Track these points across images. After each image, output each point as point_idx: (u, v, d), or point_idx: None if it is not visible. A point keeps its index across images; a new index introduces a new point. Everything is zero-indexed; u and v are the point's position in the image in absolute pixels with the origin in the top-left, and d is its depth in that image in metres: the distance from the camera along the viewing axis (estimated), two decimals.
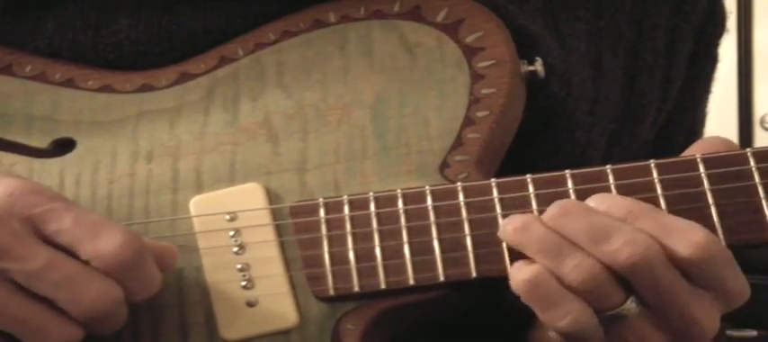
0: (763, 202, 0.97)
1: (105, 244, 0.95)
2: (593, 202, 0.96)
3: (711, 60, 1.27)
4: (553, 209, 0.95)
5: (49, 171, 1.09)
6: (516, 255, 0.97)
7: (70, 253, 0.95)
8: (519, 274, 0.95)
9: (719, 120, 2.60)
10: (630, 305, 0.94)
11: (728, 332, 1.11)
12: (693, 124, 1.27)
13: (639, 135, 1.20)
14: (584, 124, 1.14)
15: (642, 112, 1.20)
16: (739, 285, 0.96)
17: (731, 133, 2.69)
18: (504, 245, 0.98)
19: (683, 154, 1.02)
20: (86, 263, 0.95)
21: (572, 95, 1.13)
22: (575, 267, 0.93)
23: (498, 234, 0.98)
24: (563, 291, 0.94)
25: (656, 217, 0.95)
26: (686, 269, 0.94)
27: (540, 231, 0.95)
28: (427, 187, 1.02)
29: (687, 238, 0.93)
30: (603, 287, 0.94)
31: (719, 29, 1.27)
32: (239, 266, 1.03)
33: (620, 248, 0.92)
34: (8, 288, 0.94)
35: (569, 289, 0.94)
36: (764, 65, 2.74)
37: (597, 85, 1.16)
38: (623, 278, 0.94)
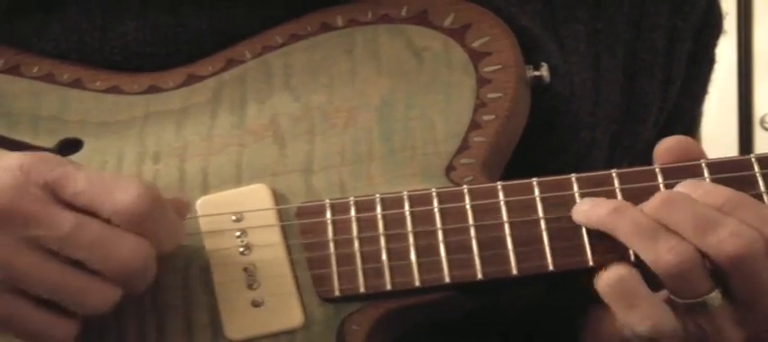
0: None
1: (122, 198, 0.95)
2: (685, 188, 0.97)
3: (709, 61, 1.28)
4: (655, 200, 0.96)
5: None
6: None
7: (91, 214, 0.96)
8: (603, 275, 0.95)
9: (719, 120, 2.60)
10: (715, 295, 0.95)
11: None
12: (691, 123, 1.28)
13: (642, 135, 1.20)
14: (587, 124, 1.15)
15: (644, 111, 1.21)
16: None
17: (731, 133, 2.68)
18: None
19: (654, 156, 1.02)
20: (108, 221, 0.95)
21: (575, 95, 1.14)
22: (670, 250, 0.94)
23: (576, 217, 0.99)
24: (644, 292, 0.94)
25: (754, 208, 0.96)
26: None
27: (635, 215, 0.95)
28: (433, 190, 1.02)
29: None
30: (694, 274, 0.94)
31: (717, 29, 1.28)
32: (245, 267, 1.03)
33: (726, 239, 0.93)
34: (42, 255, 0.95)
35: (661, 273, 0.94)
36: (764, 65, 2.74)
37: (597, 85, 1.17)
38: (714, 269, 0.94)
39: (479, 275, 0.99)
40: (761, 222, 0.94)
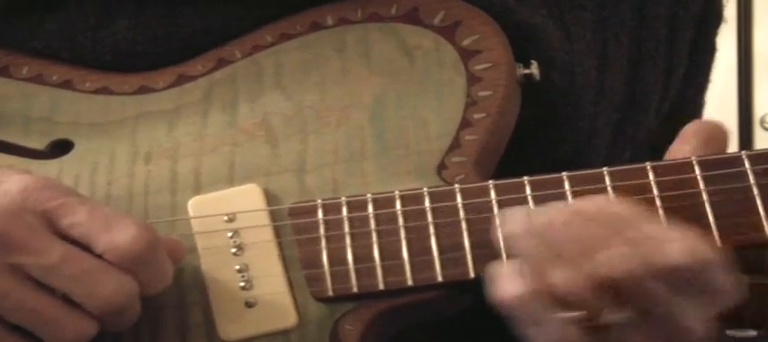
0: (759, 204, 0.98)
1: (119, 236, 0.96)
2: (579, 205, 0.96)
3: (710, 49, 1.29)
4: (540, 217, 0.93)
5: (47, 173, 1.09)
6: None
7: (85, 247, 0.96)
8: (505, 287, 0.93)
9: (719, 119, 2.61)
10: (617, 316, 0.93)
11: (729, 332, 1.11)
12: (695, 113, 1.28)
13: (643, 124, 1.21)
14: (588, 114, 1.15)
15: (645, 100, 1.21)
16: (728, 287, 0.94)
17: (731, 133, 2.69)
18: (501, 240, 0.98)
19: (679, 138, 1.02)
20: (101, 256, 0.96)
21: (575, 86, 1.14)
22: (560, 276, 0.91)
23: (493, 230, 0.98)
24: (545, 312, 0.93)
25: (640, 226, 0.93)
26: (672, 277, 0.92)
27: (530, 243, 0.93)
28: (425, 189, 1.02)
29: (671, 246, 0.91)
30: (589, 298, 0.92)
31: (717, 18, 1.28)
32: (238, 267, 1.03)
33: (604, 262, 0.91)
34: (24, 282, 0.95)
35: (556, 298, 0.92)
36: (764, 65, 2.74)
37: (602, 74, 1.17)
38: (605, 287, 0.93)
39: (472, 274, 1.00)
40: (644, 240, 0.92)
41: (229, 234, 1.04)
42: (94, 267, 0.96)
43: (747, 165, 0.99)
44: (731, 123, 2.71)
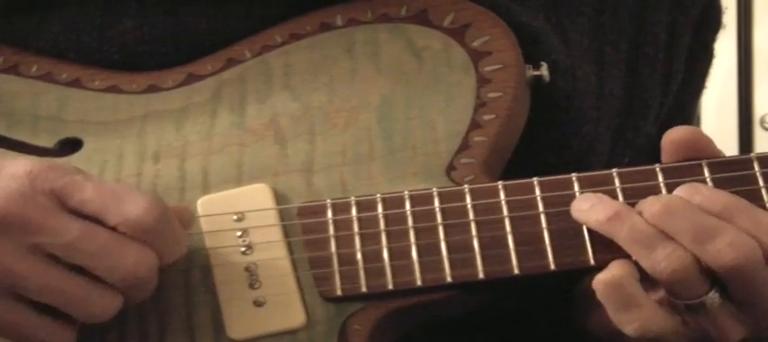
0: None
1: (131, 209, 0.96)
2: (684, 192, 0.97)
3: (708, 56, 1.29)
4: (655, 206, 0.96)
5: None
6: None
7: (98, 222, 0.96)
8: (601, 274, 0.96)
9: (719, 120, 2.61)
10: (713, 296, 0.96)
11: None
12: (690, 119, 1.28)
13: (643, 129, 1.21)
14: (590, 119, 1.16)
15: (645, 106, 1.21)
16: None
17: (731, 133, 2.69)
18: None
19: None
20: (114, 230, 0.96)
21: (578, 90, 1.14)
22: (666, 257, 0.94)
23: (575, 214, 0.99)
24: (639, 295, 0.95)
25: (752, 214, 0.96)
26: None
27: (633, 223, 0.96)
28: (434, 189, 1.02)
29: None
30: (690, 279, 0.95)
31: (716, 24, 1.28)
32: (247, 266, 1.03)
33: (724, 249, 0.94)
34: (46, 261, 0.95)
35: (657, 279, 0.95)
36: (764, 65, 2.74)
37: (600, 80, 1.17)
38: (711, 271, 0.95)
39: (481, 275, 1.00)
40: (758, 230, 0.95)
41: (238, 233, 1.04)
42: (113, 241, 0.96)
43: (757, 167, 0.99)
44: (731, 123, 2.71)
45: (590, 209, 0.98)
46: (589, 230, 0.99)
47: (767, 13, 2.77)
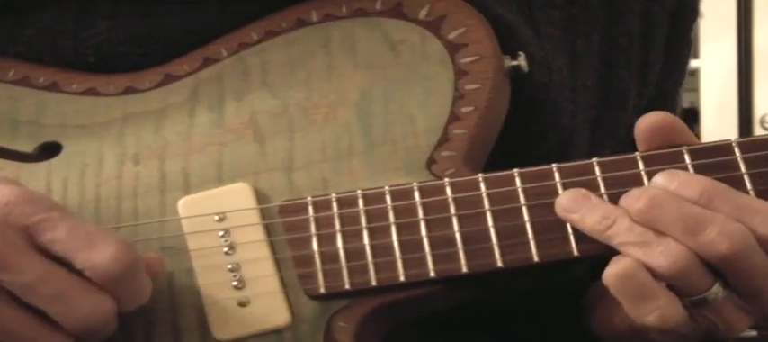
0: (751, 193, 0.98)
1: (99, 255, 0.95)
2: (662, 180, 0.97)
3: (686, 44, 1.29)
4: (640, 201, 0.95)
5: (35, 176, 1.09)
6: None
7: (65, 263, 0.95)
8: (610, 268, 0.95)
9: (719, 120, 2.61)
10: (717, 289, 0.95)
11: None
12: (674, 108, 1.28)
13: (622, 120, 1.20)
14: (567, 111, 1.15)
15: (622, 97, 1.21)
16: None
17: (731, 133, 2.69)
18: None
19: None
20: (80, 273, 0.95)
21: (553, 82, 1.14)
22: (661, 253, 0.94)
23: (560, 213, 0.98)
24: (652, 285, 0.94)
25: (732, 197, 0.96)
26: (764, 247, 0.95)
27: (624, 225, 0.96)
28: (415, 184, 1.02)
29: (765, 216, 0.94)
30: (691, 274, 0.94)
31: (693, 13, 1.28)
32: (230, 267, 1.03)
33: (716, 239, 0.93)
34: (2, 299, 0.94)
35: (657, 277, 0.94)
36: (764, 65, 2.74)
37: (573, 72, 1.17)
38: (712, 264, 0.95)
39: (464, 269, 0.99)
40: (739, 211, 0.95)
41: (220, 233, 1.04)
42: (72, 287, 0.95)
43: (737, 153, 0.99)
44: (731, 123, 2.71)
45: (580, 218, 0.98)
46: None
47: (767, 13, 2.77)
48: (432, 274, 1.00)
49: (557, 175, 1.00)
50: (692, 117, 2.96)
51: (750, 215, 0.95)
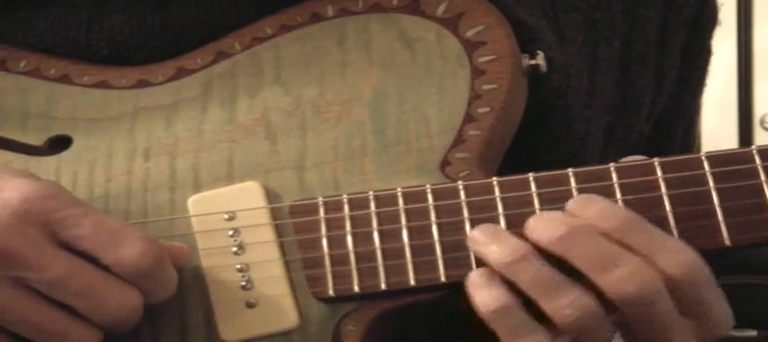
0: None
1: (127, 252, 0.95)
2: (580, 203, 0.95)
3: (706, 53, 1.27)
4: (557, 230, 0.93)
5: (45, 170, 1.08)
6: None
7: (90, 258, 0.95)
8: (486, 301, 0.94)
9: (719, 120, 2.60)
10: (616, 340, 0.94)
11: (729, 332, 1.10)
12: (692, 116, 1.26)
13: (635, 127, 1.19)
14: (582, 117, 1.13)
15: (637, 103, 1.19)
16: (724, 315, 0.95)
17: (731, 133, 2.69)
18: (473, 256, 0.97)
19: None
20: (106, 268, 0.95)
21: (571, 88, 1.12)
22: (569, 305, 0.92)
23: (473, 248, 0.97)
24: (529, 323, 0.93)
25: (647, 233, 0.94)
26: (673, 290, 0.92)
27: (534, 268, 0.93)
28: (428, 186, 1.00)
29: (677, 258, 0.92)
30: (593, 327, 0.92)
31: (711, 22, 1.26)
32: (239, 267, 1.02)
33: (624, 279, 0.91)
34: (26, 294, 0.94)
35: (560, 327, 0.92)
36: (764, 65, 2.73)
37: (593, 76, 1.15)
38: (612, 308, 0.92)
39: None
40: (651, 248, 0.92)
41: (230, 233, 1.03)
42: (99, 282, 0.95)
43: (758, 161, 0.96)
44: (731, 123, 2.70)
45: (490, 253, 0.95)
46: None
47: (767, 13, 2.76)
48: (443, 279, 0.98)
49: (573, 180, 0.98)
50: None
51: (659, 251, 0.92)
